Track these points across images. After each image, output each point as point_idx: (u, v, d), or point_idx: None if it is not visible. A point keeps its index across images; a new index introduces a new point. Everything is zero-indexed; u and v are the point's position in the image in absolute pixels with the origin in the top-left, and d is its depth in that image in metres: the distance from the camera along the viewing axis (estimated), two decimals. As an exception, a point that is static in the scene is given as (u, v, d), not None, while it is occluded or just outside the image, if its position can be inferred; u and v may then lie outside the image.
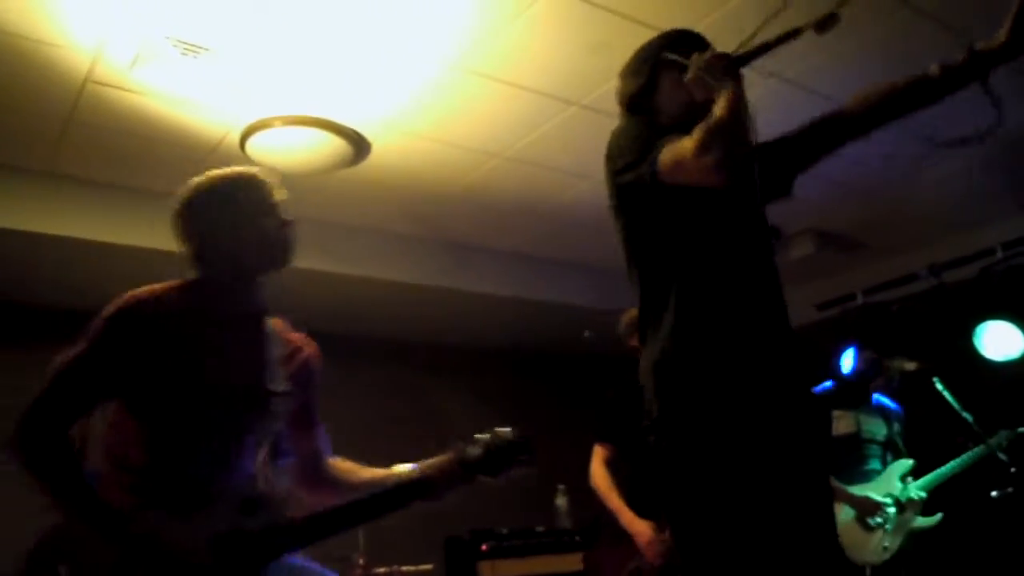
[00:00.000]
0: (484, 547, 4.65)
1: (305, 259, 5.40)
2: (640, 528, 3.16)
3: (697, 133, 1.74)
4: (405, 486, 2.03)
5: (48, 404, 1.81)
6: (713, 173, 1.74)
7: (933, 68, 1.88)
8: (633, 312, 3.36)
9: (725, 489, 1.77)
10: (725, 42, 1.96)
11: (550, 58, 3.57)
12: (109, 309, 1.89)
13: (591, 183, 4.75)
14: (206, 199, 2.05)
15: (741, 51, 1.84)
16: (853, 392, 4.20)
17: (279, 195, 2.08)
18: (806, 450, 1.86)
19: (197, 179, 2.09)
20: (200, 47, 3.31)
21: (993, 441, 3.89)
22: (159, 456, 1.85)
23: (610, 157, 2.02)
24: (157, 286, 1.98)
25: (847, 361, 4.77)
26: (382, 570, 3.96)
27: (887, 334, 4.55)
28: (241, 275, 2.04)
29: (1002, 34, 1.78)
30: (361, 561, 3.87)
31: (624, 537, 3.23)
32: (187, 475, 1.84)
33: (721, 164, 1.72)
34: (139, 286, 1.99)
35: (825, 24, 1.81)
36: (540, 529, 4.91)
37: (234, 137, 3.98)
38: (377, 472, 2.14)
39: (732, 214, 1.96)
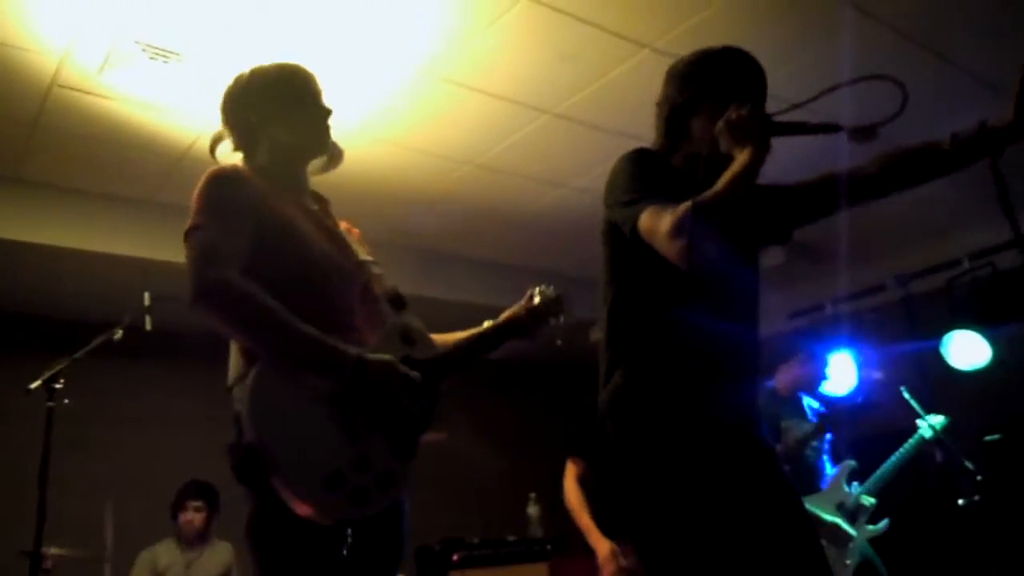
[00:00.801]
0: (455, 557, 4.62)
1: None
2: (602, 550, 3.16)
3: (680, 212, 1.68)
4: (503, 327, 2.37)
5: (207, 252, 1.76)
6: (679, 260, 1.69)
7: (945, 141, 1.89)
8: None
9: (685, 517, 1.77)
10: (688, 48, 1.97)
11: (522, 66, 3.57)
12: (204, 176, 1.87)
13: (563, 191, 4.77)
14: (257, 85, 2.06)
15: (777, 118, 1.77)
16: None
17: (321, 86, 2.12)
18: (761, 477, 1.84)
19: (245, 71, 2.10)
20: (170, 52, 3.28)
21: (926, 426, 3.90)
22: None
23: (609, 185, 1.95)
24: (227, 164, 1.97)
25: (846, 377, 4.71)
26: None
27: (856, 343, 4.58)
28: (289, 159, 2.07)
29: (1009, 113, 1.77)
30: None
31: (592, 551, 3.23)
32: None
33: (687, 256, 1.67)
34: (104, 293, 1.98)
35: (863, 133, 1.82)
36: (511, 538, 4.90)
37: (204, 142, 3.93)
38: (467, 332, 2.37)
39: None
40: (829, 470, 4.02)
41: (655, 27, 3.34)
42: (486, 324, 2.37)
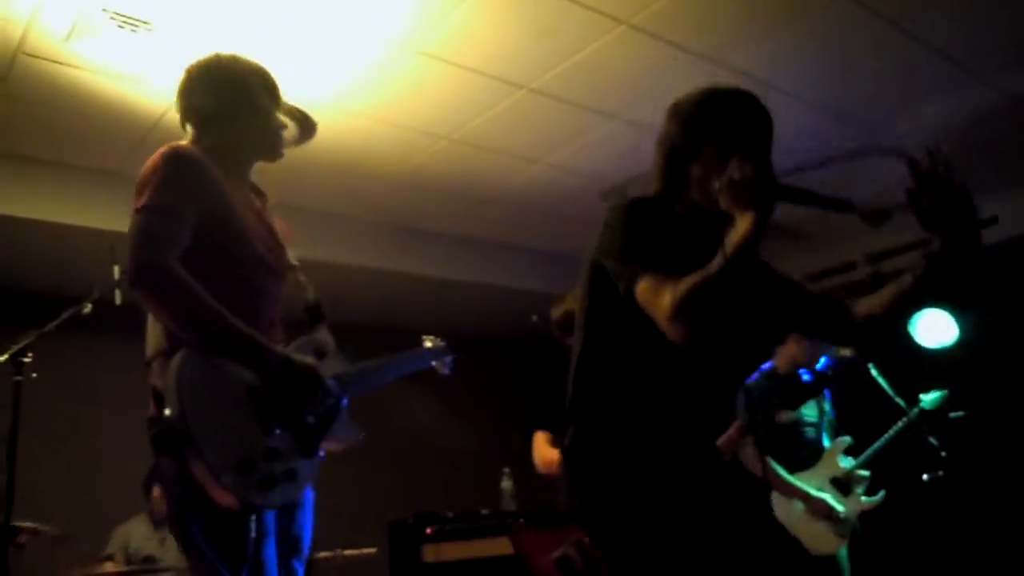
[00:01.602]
0: (429, 530, 4.64)
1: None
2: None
3: (681, 293, 1.58)
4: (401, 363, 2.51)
5: (151, 237, 1.80)
6: (678, 340, 1.62)
7: (906, 279, 1.86)
8: (566, 306, 3.37)
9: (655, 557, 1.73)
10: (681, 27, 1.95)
11: (498, 41, 3.54)
12: (161, 152, 1.92)
13: (539, 167, 4.75)
14: (223, 77, 2.09)
15: (783, 181, 1.64)
16: (801, 391, 4.25)
17: (280, 91, 2.17)
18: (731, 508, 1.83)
19: (207, 56, 2.12)
20: (139, 21, 3.22)
21: (915, 410, 4.02)
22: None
23: (605, 234, 1.82)
24: (183, 142, 2.02)
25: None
26: (326, 555, 3.93)
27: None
28: (237, 157, 2.12)
29: (935, 241, 1.77)
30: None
31: (553, 521, 3.22)
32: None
33: (687, 338, 1.60)
34: (73, 266, 1.96)
35: (877, 218, 1.74)
36: (485, 512, 4.92)
37: (174, 114, 3.86)
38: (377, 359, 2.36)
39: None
40: (828, 444, 4.11)
41: (632, 2, 3.33)
42: (383, 358, 2.40)
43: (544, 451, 3.48)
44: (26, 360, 3.09)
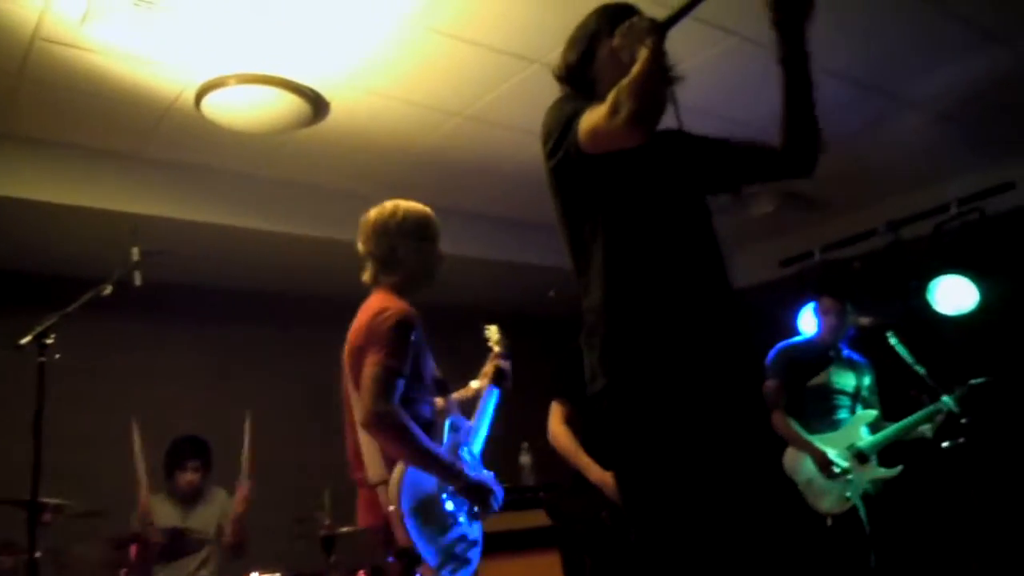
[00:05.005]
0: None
1: (267, 221, 5.37)
2: (609, 481, 3.20)
3: (610, 95, 1.78)
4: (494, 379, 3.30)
5: (386, 390, 2.47)
6: (625, 132, 1.77)
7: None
8: None
9: (673, 454, 1.83)
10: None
11: (509, 15, 3.53)
12: (396, 318, 2.58)
13: (553, 142, 4.73)
14: (407, 226, 2.82)
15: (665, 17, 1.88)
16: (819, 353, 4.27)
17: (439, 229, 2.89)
18: (746, 413, 1.92)
19: (395, 204, 2.88)
20: (153, 2, 3.23)
21: (952, 396, 3.98)
22: None
23: (542, 141, 2.05)
24: (397, 301, 2.69)
25: (808, 321, 4.85)
26: (347, 529, 3.97)
27: (845, 290, 4.61)
28: (414, 286, 2.80)
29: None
30: (327, 521, 3.88)
31: (589, 488, 3.27)
32: None
33: (632, 121, 1.75)
34: (97, 248, 1.99)
35: None
36: (505, 486, 4.95)
37: (189, 95, 3.90)
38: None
39: (660, 179, 2.01)
40: (857, 413, 4.14)
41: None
42: (473, 385, 3.24)
43: (555, 425, 3.50)
44: (49, 341, 3.13)
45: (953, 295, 4.92)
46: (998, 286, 4.89)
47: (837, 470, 3.94)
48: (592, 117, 1.84)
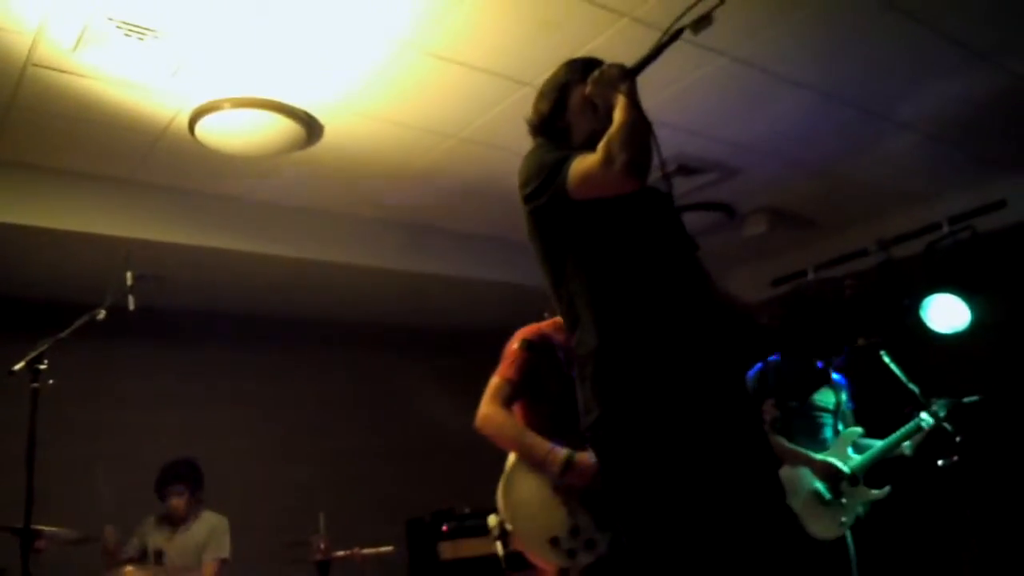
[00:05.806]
0: (445, 528, 4.67)
1: (261, 244, 5.36)
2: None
3: (601, 145, 1.85)
4: None
5: (498, 396, 2.72)
6: (621, 181, 1.84)
7: None
8: None
9: (669, 484, 1.83)
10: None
11: (502, 37, 3.55)
12: (522, 344, 2.84)
13: (546, 163, 4.75)
14: None
15: (630, 65, 1.98)
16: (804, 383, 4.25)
17: None
18: (744, 438, 1.92)
19: None
20: (145, 28, 3.25)
21: (929, 412, 3.95)
22: None
23: (521, 185, 2.11)
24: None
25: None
26: (343, 553, 3.96)
27: (837, 309, 4.62)
28: None
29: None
30: (322, 545, 3.87)
31: None
32: None
33: (628, 170, 1.82)
34: (91, 273, 2.00)
35: (699, 25, 1.97)
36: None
37: (183, 120, 3.91)
38: None
39: (644, 219, 2.05)
40: (843, 431, 4.12)
41: (634, -5, 3.33)
42: None
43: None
44: (42, 367, 3.13)
45: (946, 313, 4.93)
46: (990, 304, 4.90)
47: (845, 486, 3.89)
48: (584, 165, 1.91)
